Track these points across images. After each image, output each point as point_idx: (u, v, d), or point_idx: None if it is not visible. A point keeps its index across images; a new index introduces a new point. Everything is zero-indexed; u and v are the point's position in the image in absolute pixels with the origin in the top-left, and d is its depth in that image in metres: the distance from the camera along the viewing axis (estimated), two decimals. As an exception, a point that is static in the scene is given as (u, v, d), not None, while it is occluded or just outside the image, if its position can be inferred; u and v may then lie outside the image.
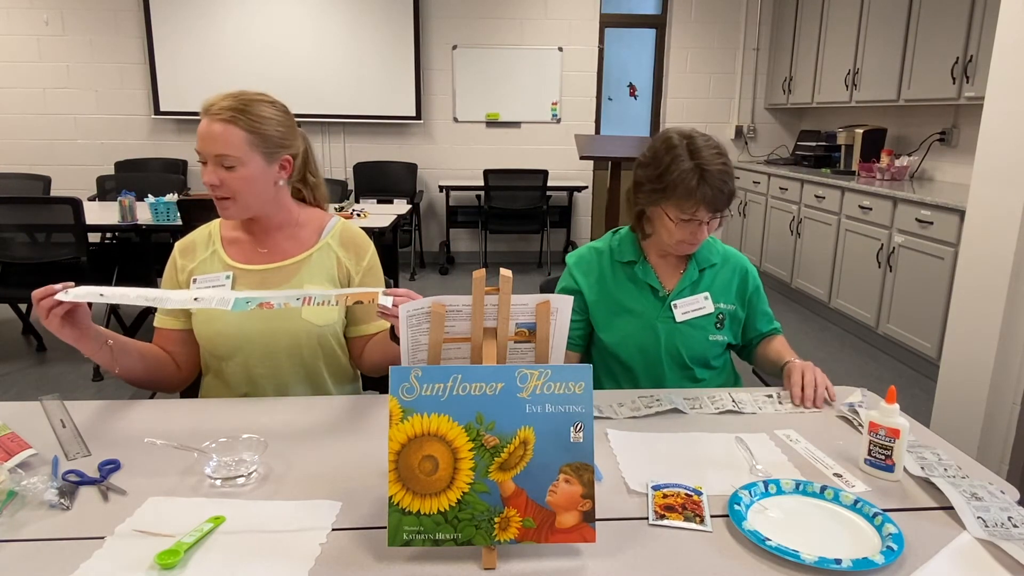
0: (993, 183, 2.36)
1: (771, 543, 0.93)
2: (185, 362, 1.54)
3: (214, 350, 1.51)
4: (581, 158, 4.45)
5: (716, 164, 1.44)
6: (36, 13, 5.78)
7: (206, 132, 1.39)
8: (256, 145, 1.42)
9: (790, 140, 6.38)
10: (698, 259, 1.62)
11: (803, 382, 1.45)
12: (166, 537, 0.93)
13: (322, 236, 1.57)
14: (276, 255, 1.53)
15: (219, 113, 1.39)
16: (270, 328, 1.48)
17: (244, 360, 1.50)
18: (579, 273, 1.65)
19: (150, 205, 3.75)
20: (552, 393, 0.93)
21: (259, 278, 1.51)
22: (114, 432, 1.26)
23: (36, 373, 3.66)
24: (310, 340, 1.51)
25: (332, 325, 1.53)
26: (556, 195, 6.10)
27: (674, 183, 1.44)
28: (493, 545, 0.90)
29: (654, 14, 6.41)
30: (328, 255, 1.55)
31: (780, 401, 1.44)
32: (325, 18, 5.89)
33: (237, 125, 1.39)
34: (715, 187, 1.43)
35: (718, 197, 1.44)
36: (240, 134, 1.39)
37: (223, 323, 1.47)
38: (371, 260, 1.59)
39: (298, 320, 1.49)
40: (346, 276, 1.56)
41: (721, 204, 1.46)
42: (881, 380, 3.65)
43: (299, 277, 1.52)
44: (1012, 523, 0.98)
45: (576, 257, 1.68)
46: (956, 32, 3.92)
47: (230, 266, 1.51)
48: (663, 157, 1.47)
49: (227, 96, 1.42)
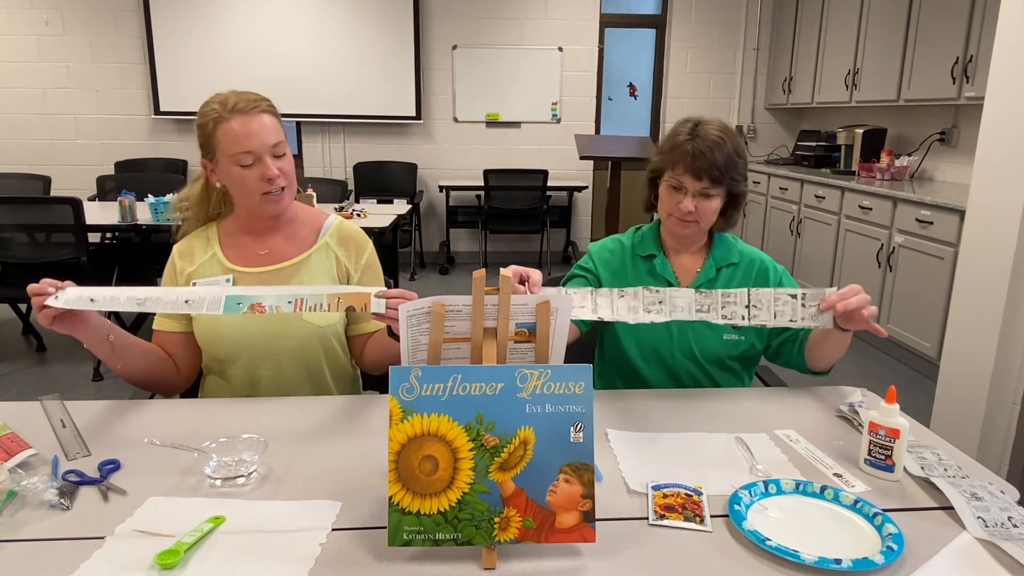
0: (993, 183, 2.36)
1: (771, 543, 0.92)
2: (185, 364, 1.54)
3: (216, 353, 1.51)
4: (581, 158, 4.46)
5: (710, 135, 1.48)
6: (36, 13, 5.78)
7: (256, 126, 1.39)
8: (284, 133, 1.47)
9: (790, 140, 6.38)
10: (715, 257, 1.61)
11: (849, 293, 1.29)
12: (166, 537, 0.93)
13: (320, 235, 1.56)
14: (276, 256, 1.53)
15: (257, 104, 1.41)
16: (272, 331, 1.48)
17: (247, 363, 1.50)
18: (599, 261, 1.66)
19: (150, 205, 3.75)
20: (552, 393, 0.93)
21: (259, 280, 1.50)
22: (114, 432, 1.26)
23: (36, 373, 3.66)
24: (312, 341, 1.51)
25: (334, 325, 1.53)
26: (556, 195, 6.10)
27: (670, 148, 1.52)
28: (493, 545, 0.90)
29: (654, 14, 6.41)
30: (327, 255, 1.55)
31: (804, 304, 1.30)
32: (325, 18, 5.89)
33: (273, 114, 1.44)
34: (699, 150, 1.46)
35: (699, 160, 1.46)
36: (277, 122, 1.44)
37: (225, 327, 1.47)
38: (369, 258, 1.59)
39: (299, 322, 1.49)
40: (345, 275, 1.56)
41: (703, 169, 1.46)
42: (881, 380, 3.65)
43: (299, 278, 1.52)
44: (1012, 523, 0.98)
45: (599, 246, 1.69)
46: (956, 32, 3.92)
47: (229, 269, 1.50)
48: (673, 129, 1.56)
49: (241, 92, 1.42)
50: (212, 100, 1.42)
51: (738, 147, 1.51)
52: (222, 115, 1.39)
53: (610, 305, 1.30)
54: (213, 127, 1.40)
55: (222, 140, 1.40)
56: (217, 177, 1.47)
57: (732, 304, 1.31)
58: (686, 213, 1.51)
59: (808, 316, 1.33)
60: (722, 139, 1.48)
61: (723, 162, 1.47)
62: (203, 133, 1.43)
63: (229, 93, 1.42)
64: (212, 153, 1.43)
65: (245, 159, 1.39)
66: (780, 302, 1.32)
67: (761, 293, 1.32)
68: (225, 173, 1.44)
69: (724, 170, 1.48)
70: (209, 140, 1.42)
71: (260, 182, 1.41)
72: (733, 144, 1.50)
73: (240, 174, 1.41)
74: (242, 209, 1.52)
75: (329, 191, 4.57)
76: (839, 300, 1.29)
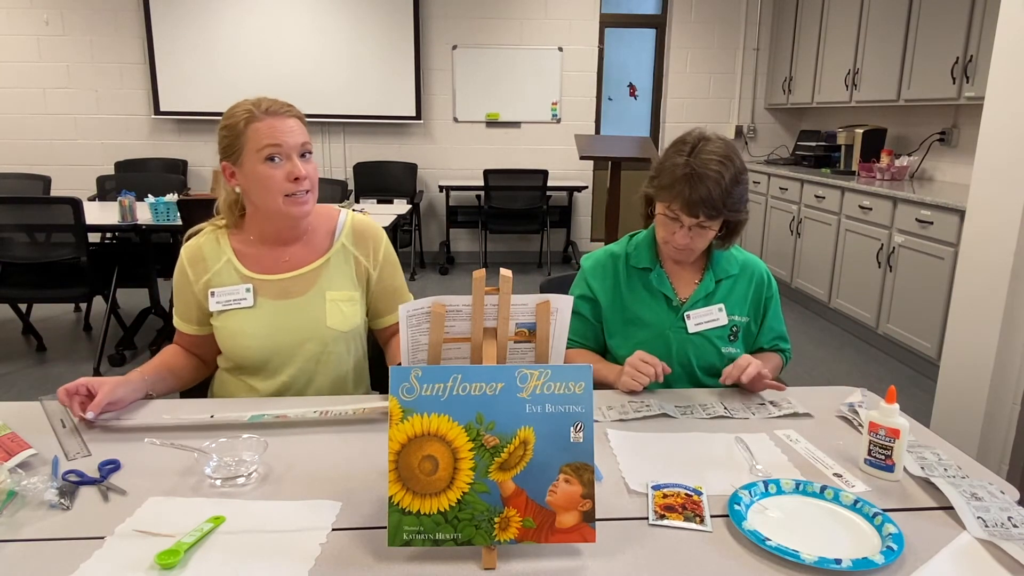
0: (993, 183, 2.36)
1: (771, 543, 0.93)
2: (212, 360, 1.57)
3: (242, 362, 1.50)
4: (581, 158, 4.46)
5: (708, 169, 1.40)
6: (36, 13, 5.78)
7: (284, 127, 1.40)
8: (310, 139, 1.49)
9: (790, 140, 6.38)
10: (715, 270, 1.59)
11: (743, 365, 1.40)
12: (166, 537, 0.93)
13: (336, 237, 1.55)
14: (295, 263, 1.51)
15: (289, 109, 1.43)
16: (299, 339, 1.49)
17: (273, 371, 1.50)
18: (594, 279, 1.62)
19: (150, 205, 3.75)
20: (552, 393, 0.93)
21: (279, 288, 1.49)
22: (114, 432, 1.26)
23: (36, 373, 3.66)
24: (337, 346, 1.51)
25: (357, 327, 1.54)
26: (556, 195, 6.10)
27: (663, 174, 1.46)
28: (493, 545, 0.90)
29: (654, 14, 6.41)
30: (346, 257, 1.55)
31: (773, 404, 1.42)
32: (325, 18, 5.89)
33: (301, 120, 1.45)
34: (695, 190, 1.40)
35: (694, 200, 1.40)
36: (305, 129, 1.46)
37: (250, 337, 1.47)
38: (386, 251, 1.59)
39: (324, 329, 1.49)
40: (364, 275, 1.56)
41: (698, 209, 1.41)
42: (881, 380, 3.65)
43: (320, 284, 1.51)
44: (1012, 523, 0.98)
45: (592, 261, 1.65)
46: (956, 32, 3.92)
47: (247, 277, 1.49)
48: (669, 148, 1.49)
49: (271, 98, 1.43)
50: (240, 104, 1.42)
51: (738, 174, 1.43)
52: (255, 114, 1.39)
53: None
54: (244, 126, 1.39)
55: (251, 137, 1.39)
56: (237, 180, 1.44)
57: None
58: (681, 245, 1.49)
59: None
60: (720, 172, 1.40)
61: (720, 197, 1.40)
62: (231, 134, 1.41)
63: (261, 98, 1.43)
64: (238, 153, 1.41)
65: (274, 151, 1.38)
66: (752, 408, 1.43)
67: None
68: (249, 173, 1.41)
69: (721, 206, 1.42)
70: (237, 140, 1.40)
71: (286, 182, 1.40)
72: (733, 173, 1.42)
73: (266, 172, 1.39)
74: (259, 216, 1.49)
75: (329, 191, 4.56)
76: (738, 373, 1.41)
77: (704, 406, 1.41)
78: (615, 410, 1.37)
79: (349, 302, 1.52)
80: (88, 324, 4.43)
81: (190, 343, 1.55)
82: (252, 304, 1.47)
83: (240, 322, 1.47)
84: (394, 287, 1.60)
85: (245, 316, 1.47)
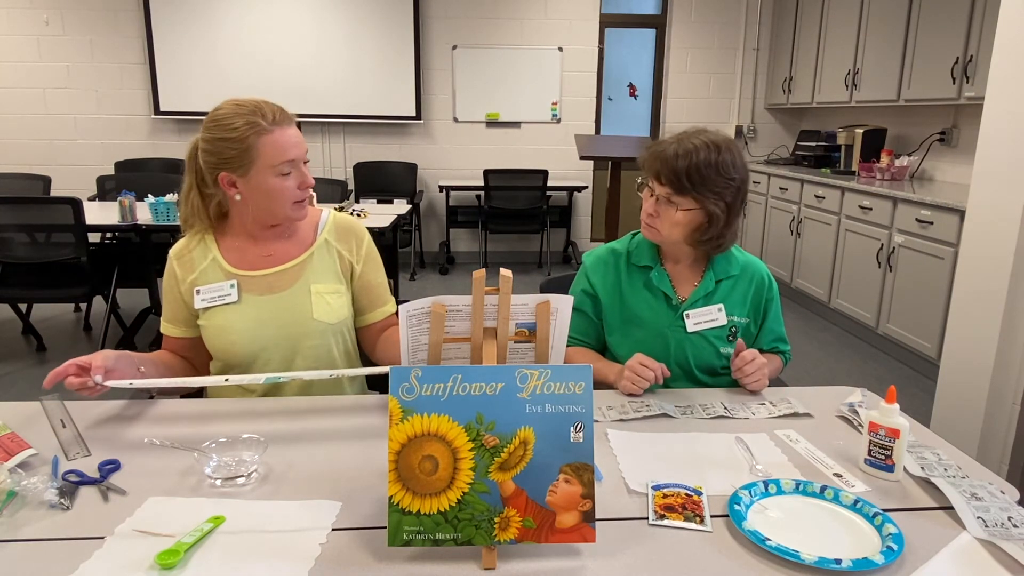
0: (993, 183, 2.36)
1: (771, 543, 0.93)
2: (202, 364, 1.56)
3: (230, 360, 1.50)
4: (581, 158, 4.46)
5: (688, 144, 1.46)
6: (36, 13, 5.78)
7: (293, 139, 1.41)
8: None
9: (790, 140, 6.38)
10: (715, 270, 1.60)
11: (749, 359, 1.46)
12: (166, 537, 0.93)
13: (318, 232, 1.56)
14: (278, 258, 1.52)
15: (289, 116, 1.43)
16: (286, 334, 1.48)
17: (262, 368, 1.50)
18: (595, 276, 1.63)
19: (150, 205, 3.76)
20: (552, 393, 0.93)
21: (264, 283, 1.50)
22: (114, 432, 1.26)
23: (36, 373, 3.65)
24: (325, 339, 1.51)
25: (345, 320, 1.54)
26: (556, 195, 6.10)
27: (653, 146, 1.52)
28: (493, 545, 0.90)
29: (654, 14, 6.41)
30: (329, 251, 1.56)
31: (773, 403, 1.42)
32: (325, 18, 5.89)
33: (297, 123, 1.46)
34: (666, 154, 1.45)
35: (663, 163, 1.45)
36: (299, 130, 1.46)
37: (237, 333, 1.47)
38: (368, 247, 1.60)
39: (311, 322, 1.49)
40: (348, 269, 1.57)
41: (664, 175, 1.45)
42: (881, 380, 3.65)
43: (304, 278, 1.52)
44: (1012, 523, 0.98)
45: (593, 258, 1.66)
46: (956, 32, 3.92)
47: (232, 274, 1.49)
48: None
49: (269, 103, 1.43)
50: (237, 111, 1.38)
51: (720, 163, 1.43)
52: (263, 126, 1.37)
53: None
54: (255, 139, 1.37)
55: (264, 151, 1.37)
56: (239, 190, 1.42)
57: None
58: (647, 214, 1.52)
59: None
60: (697, 149, 1.43)
61: (687, 171, 1.42)
62: (239, 146, 1.37)
63: (256, 103, 1.39)
64: (246, 166, 1.38)
65: (287, 168, 1.41)
66: (752, 408, 1.44)
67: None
68: (259, 185, 1.40)
69: (687, 180, 1.43)
70: (246, 153, 1.37)
71: (298, 191, 1.43)
72: (712, 156, 1.43)
73: (279, 185, 1.41)
74: (248, 217, 1.49)
75: (329, 191, 4.57)
76: (743, 364, 1.47)
77: (704, 406, 1.41)
78: (615, 410, 1.37)
79: (335, 294, 1.53)
80: (88, 324, 4.43)
81: (178, 347, 1.54)
82: (236, 300, 1.47)
83: (225, 318, 1.47)
84: (377, 282, 1.61)
85: (230, 312, 1.47)
